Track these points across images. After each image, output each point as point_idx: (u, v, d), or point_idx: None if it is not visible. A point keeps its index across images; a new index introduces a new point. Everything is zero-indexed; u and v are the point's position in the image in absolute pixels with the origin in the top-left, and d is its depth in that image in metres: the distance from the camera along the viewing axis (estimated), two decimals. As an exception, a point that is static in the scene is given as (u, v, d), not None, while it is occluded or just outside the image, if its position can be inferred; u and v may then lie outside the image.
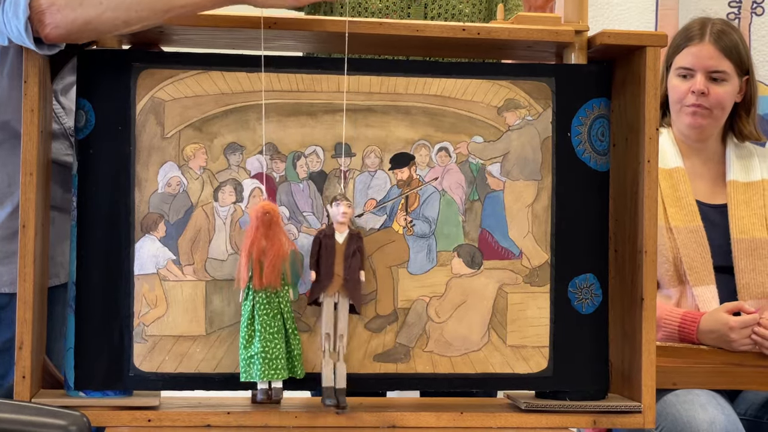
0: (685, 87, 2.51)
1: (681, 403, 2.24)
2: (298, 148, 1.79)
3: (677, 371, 2.27)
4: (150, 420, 1.73)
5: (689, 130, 2.54)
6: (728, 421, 2.18)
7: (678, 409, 2.23)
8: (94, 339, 1.74)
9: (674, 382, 2.27)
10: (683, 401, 2.24)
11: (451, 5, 2.38)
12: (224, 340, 1.76)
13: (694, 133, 2.55)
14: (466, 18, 2.39)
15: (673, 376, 2.26)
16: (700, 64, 2.50)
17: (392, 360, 1.80)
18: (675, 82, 2.52)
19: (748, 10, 3.27)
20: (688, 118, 2.51)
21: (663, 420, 2.24)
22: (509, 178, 1.82)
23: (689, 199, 2.49)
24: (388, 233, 1.81)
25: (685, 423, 2.18)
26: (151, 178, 1.76)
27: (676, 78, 2.52)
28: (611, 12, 3.30)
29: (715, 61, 2.50)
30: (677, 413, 2.22)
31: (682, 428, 2.18)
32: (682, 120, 2.53)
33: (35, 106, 1.71)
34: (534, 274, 1.82)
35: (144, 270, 1.75)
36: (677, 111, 2.53)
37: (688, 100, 2.50)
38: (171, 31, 1.78)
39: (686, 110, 2.51)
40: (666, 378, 2.23)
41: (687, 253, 2.44)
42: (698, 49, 2.50)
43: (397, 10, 2.37)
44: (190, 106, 1.76)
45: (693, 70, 2.50)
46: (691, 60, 2.50)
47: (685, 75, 2.51)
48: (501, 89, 1.82)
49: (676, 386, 2.28)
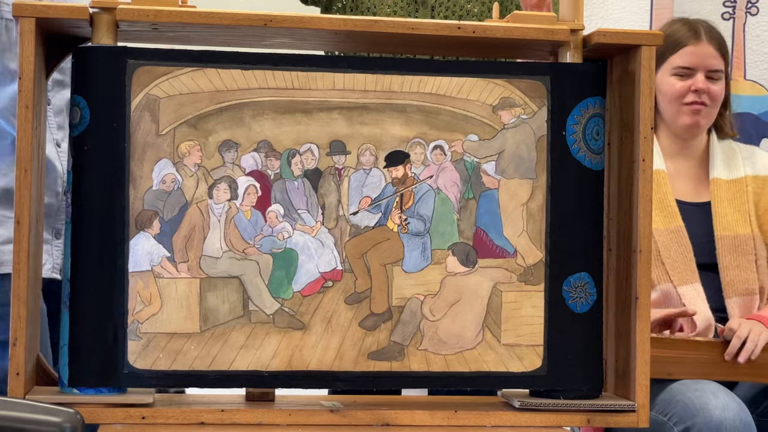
0: (684, 86, 2.52)
1: (691, 391, 2.24)
2: (292, 145, 1.79)
3: (672, 361, 2.27)
4: (144, 417, 1.72)
5: (686, 130, 2.55)
6: (740, 408, 2.19)
7: (689, 396, 2.23)
8: (88, 336, 1.73)
9: (669, 372, 2.28)
10: (693, 389, 2.25)
11: (458, 6, 2.38)
12: (218, 338, 1.76)
13: (690, 132, 2.56)
14: (475, 18, 2.39)
15: (668, 366, 2.27)
16: (701, 64, 2.52)
17: (386, 358, 1.80)
18: (670, 80, 2.53)
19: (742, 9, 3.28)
20: (688, 117, 2.53)
21: (672, 407, 2.24)
22: (504, 176, 1.82)
23: (669, 201, 2.50)
24: (382, 231, 1.81)
25: (697, 408, 2.19)
26: (145, 175, 1.75)
27: (672, 77, 2.53)
28: (606, 11, 3.30)
29: (715, 60, 2.53)
30: (688, 400, 2.22)
31: (694, 413, 2.19)
32: (680, 119, 2.54)
33: (29, 103, 1.71)
34: (528, 272, 1.82)
35: (138, 267, 1.75)
36: (674, 110, 2.54)
37: (688, 98, 2.51)
38: (166, 28, 1.78)
39: (686, 109, 2.52)
40: (661, 368, 2.25)
41: (668, 254, 2.45)
42: (698, 48, 2.52)
43: (405, 15, 2.37)
44: (185, 103, 1.76)
45: (693, 69, 2.52)
46: (691, 59, 2.52)
47: (683, 74, 2.53)
48: (496, 88, 1.82)
49: (671, 376, 2.29)
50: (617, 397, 1.86)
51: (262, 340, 1.77)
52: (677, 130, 2.56)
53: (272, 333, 1.77)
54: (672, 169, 2.56)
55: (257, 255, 1.78)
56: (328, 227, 1.79)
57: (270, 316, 1.77)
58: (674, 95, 2.53)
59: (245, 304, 1.77)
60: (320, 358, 1.78)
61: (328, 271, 1.79)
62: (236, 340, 1.76)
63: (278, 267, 1.78)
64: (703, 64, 2.51)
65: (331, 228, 1.79)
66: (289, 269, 1.78)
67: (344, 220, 1.80)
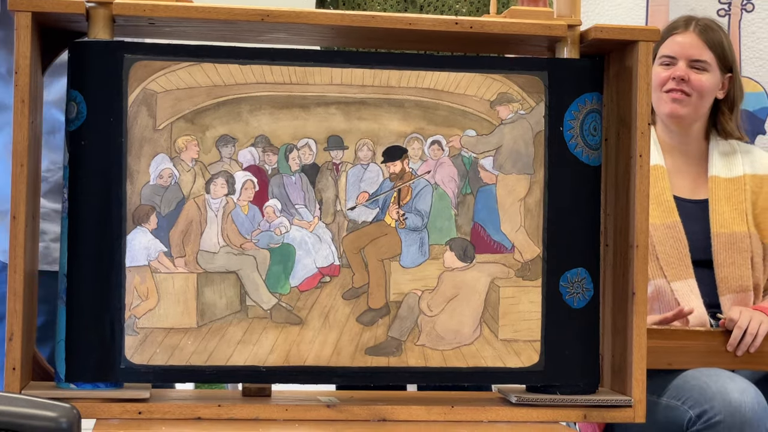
0: (667, 74, 2.54)
1: (706, 376, 2.26)
2: (290, 140, 1.78)
3: (672, 351, 2.28)
4: (140, 412, 1.72)
5: (669, 120, 2.57)
6: (756, 392, 2.21)
7: (705, 381, 2.24)
8: (84, 331, 1.73)
9: (669, 362, 2.29)
10: (708, 374, 2.26)
11: (447, 6, 2.38)
12: (215, 333, 1.76)
13: (674, 123, 2.58)
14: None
15: (668, 356, 2.28)
16: (682, 53, 2.54)
17: (384, 353, 1.79)
18: (657, 69, 2.56)
19: (738, 6, 3.28)
20: (667, 105, 2.55)
21: (686, 392, 2.25)
22: (502, 171, 1.82)
23: (666, 196, 2.51)
24: (380, 226, 1.80)
25: (714, 392, 2.20)
26: (142, 170, 1.75)
27: (658, 66, 2.56)
28: (602, 7, 3.31)
29: (698, 50, 2.54)
30: (704, 384, 2.23)
31: (711, 396, 2.19)
32: (662, 108, 2.56)
33: (26, 97, 1.70)
34: (526, 268, 1.82)
35: (135, 262, 1.74)
36: (657, 99, 2.57)
37: (668, 86, 2.53)
38: (163, 23, 1.77)
39: (665, 97, 2.55)
40: (660, 358, 2.25)
41: (664, 249, 2.46)
42: (682, 38, 2.55)
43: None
44: (182, 98, 1.76)
45: (675, 58, 2.54)
46: (673, 48, 2.54)
47: (668, 63, 2.55)
48: (494, 83, 1.82)
49: (671, 366, 2.30)
50: (614, 392, 1.86)
51: (260, 335, 1.76)
52: (664, 119, 2.58)
53: (269, 328, 1.77)
54: (671, 165, 2.57)
55: (254, 250, 1.77)
56: (326, 222, 1.79)
57: (267, 312, 1.77)
58: (657, 83, 2.56)
59: (242, 299, 1.77)
60: (317, 354, 1.78)
61: (325, 267, 1.79)
62: (233, 336, 1.76)
63: (275, 262, 1.78)
64: (685, 53, 2.54)
65: (329, 223, 1.79)
66: (286, 264, 1.78)
67: (342, 215, 1.80)
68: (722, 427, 2.17)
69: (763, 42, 3.29)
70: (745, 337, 2.30)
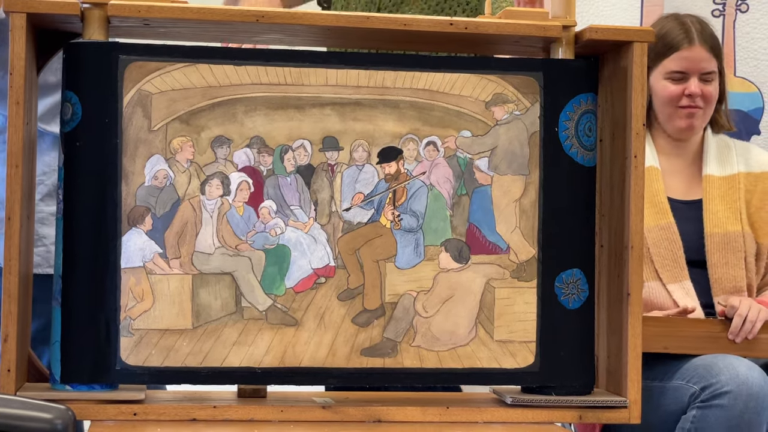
0: (678, 90, 2.53)
1: (712, 357, 2.27)
2: (285, 141, 1.78)
3: (668, 335, 2.29)
4: (135, 414, 1.72)
5: (681, 132, 2.56)
6: (761, 372, 2.22)
7: (711, 360, 2.26)
8: (80, 333, 1.73)
9: (665, 346, 2.30)
10: (715, 356, 2.27)
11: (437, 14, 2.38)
12: (211, 334, 1.76)
13: (686, 134, 2.57)
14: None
15: (664, 340, 2.29)
16: (694, 68, 2.53)
17: (379, 354, 1.79)
18: (664, 83, 2.54)
19: (732, 6, 3.28)
20: (683, 121, 2.54)
21: (692, 372, 2.26)
22: (497, 172, 1.82)
23: (660, 197, 2.51)
24: (375, 227, 1.80)
25: (721, 368, 2.21)
26: (137, 171, 1.75)
27: (665, 80, 2.54)
28: (596, 8, 3.31)
29: (707, 63, 2.54)
30: (711, 363, 2.24)
31: (719, 372, 2.20)
32: (676, 124, 2.55)
33: (20, 99, 1.70)
34: (521, 268, 1.82)
35: (130, 263, 1.74)
36: (669, 114, 2.55)
37: (683, 102, 2.52)
38: (158, 24, 1.77)
39: (681, 113, 2.54)
40: (656, 342, 2.26)
41: (658, 251, 2.46)
42: (691, 53, 2.53)
43: None
44: (177, 98, 1.76)
45: (686, 74, 2.53)
46: (684, 64, 2.53)
47: (679, 79, 2.53)
48: (489, 84, 1.82)
49: (666, 350, 2.31)
50: (609, 393, 1.86)
51: (255, 336, 1.76)
52: (672, 132, 2.57)
53: (265, 329, 1.77)
54: (666, 166, 2.57)
55: (250, 251, 1.77)
56: (321, 223, 1.79)
57: (263, 313, 1.77)
58: (668, 99, 2.53)
59: (238, 301, 1.77)
60: (313, 355, 1.78)
61: (320, 268, 1.79)
62: (229, 337, 1.76)
63: (271, 263, 1.78)
64: (697, 68, 2.53)
65: (324, 224, 1.79)
66: (281, 265, 1.78)
67: (337, 216, 1.80)
68: (729, 397, 2.18)
69: (757, 42, 3.29)
70: (745, 323, 2.31)
